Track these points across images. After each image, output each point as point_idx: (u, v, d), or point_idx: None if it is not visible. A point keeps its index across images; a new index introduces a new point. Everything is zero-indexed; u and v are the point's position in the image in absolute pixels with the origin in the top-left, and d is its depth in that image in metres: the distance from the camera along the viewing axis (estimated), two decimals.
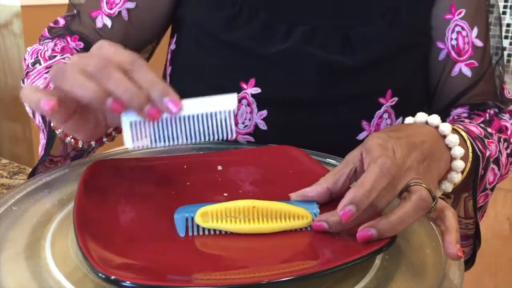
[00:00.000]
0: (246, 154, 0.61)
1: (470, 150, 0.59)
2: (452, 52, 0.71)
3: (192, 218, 0.45)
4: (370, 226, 0.42)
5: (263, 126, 0.68)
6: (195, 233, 0.44)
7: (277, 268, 0.41)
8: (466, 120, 0.70)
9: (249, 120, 0.68)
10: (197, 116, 0.46)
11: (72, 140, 0.54)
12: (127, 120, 0.45)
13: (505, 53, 2.07)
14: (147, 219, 0.47)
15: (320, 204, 0.48)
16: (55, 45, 0.69)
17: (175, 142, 0.46)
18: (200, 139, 0.47)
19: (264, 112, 0.67)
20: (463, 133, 0.60)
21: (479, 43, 0.71)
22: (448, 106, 0.75)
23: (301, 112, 0.67)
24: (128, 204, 0.49)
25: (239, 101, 0.67)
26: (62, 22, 0.74)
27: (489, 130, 0.67)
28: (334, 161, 0.63)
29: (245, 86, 0.67)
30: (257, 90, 0.67)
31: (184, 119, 0.46)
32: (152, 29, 0.75)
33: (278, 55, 0.67)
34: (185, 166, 0.57)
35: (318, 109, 0.67)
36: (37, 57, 0.67)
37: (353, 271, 0.42)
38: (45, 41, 0.73)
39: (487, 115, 0.72)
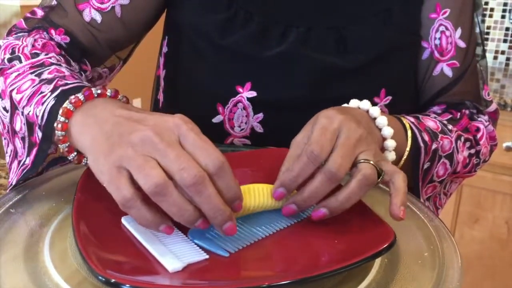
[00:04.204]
0: (243, 157, 0.61)
1: (410, 136, 0.61)
2: (435, 52, 0.72)
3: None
4: (322, 206, 0.47)
5: (259, 129, 0.68)
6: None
7: (277, 271, 0.41)
8: (432, 115, 0.71)
9: (245, 123, 0.68)
10: None
11: (76, 157, 0.51)
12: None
13: (504, 56, 2.07)
14: None
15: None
16: (35, 40, 0.65)
17: None
18: None
19: (260, 115, 0.67)
20: (405, 122, 0.63)
21: (462, 44, 0.72)
22: (426, 104, 0.76)
23: (297, 114, 0.67)
24: None
25: (235, 104, 0.67)
26: (40, 13, 0.69)
27: (450, 127, 0.68)
28: None
29: (241, 90, 0.67)
30: (253, 93, 0.67)
31: None
32: (140, 28, 0.74)
33: (273, 58, 0.67)
34: None
35: (314, 110, 0.68)
36: (13, 52, 0.62)
37: (352, 274, 0.42)
38: (20, 34, 0.67)
39: (459, 114, 0.73)
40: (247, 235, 0.46)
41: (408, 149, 0.61)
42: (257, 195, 0.48)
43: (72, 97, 0.49)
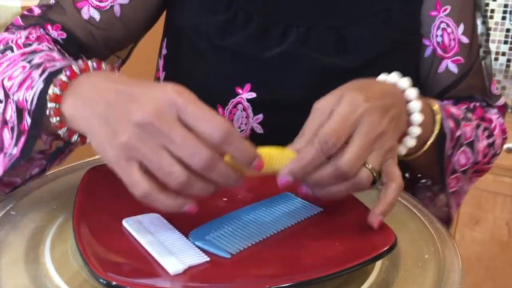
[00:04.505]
0: None
1: (438, 120, 0.59)
2: (438, 49, 0.72)
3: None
4: (307, 187, 0.48)
5: (259, 130, 0.68)
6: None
7: (278, 274, 0.41)
8: (449, 103, 0.71)
9: (245, 124, 0.68)
10: None
11: (79, 139, 0.50)
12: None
13: (505, 58, 2.07)
14: None
15: None
16: (29, 33, 0.64)
17: None
18: None
19: (260, 116, 0.67)
20: (435, 106, 0.60)
21: (465, 40, 0.72)
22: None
23: (297, 114, 0.67)
24: (128, 208, 0.49)
25: (235, 106, 0.67)
26: (37, 11, 0.68)
27: (469, 115, 0.67)
28: None
29: (240, 91, 0.67)
30: (253, 95, 0.67)
31: None
32: (139, 28, 0.73)
33: (273, 58, 0.67)
34: None
35: None
36: (7, 44, 0.61)
37: (353, 277, 0.42)
38: (16, 31, 0.66)
39: (472, 104, 0.73)
40: (248, 236, 0.46)
41: (435, 133, 0.59)
42: (278, 158, 0.47)
43: (56, 80, 0.48)
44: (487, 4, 2.04)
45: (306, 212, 0.51)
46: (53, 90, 0.47)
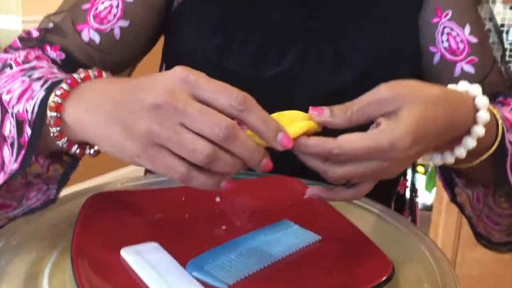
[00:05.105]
0: (244, 185, 0.61)
1: (500, 134, 0.54)
2: (447, 54, 0.71)
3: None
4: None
5: None
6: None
7: None
8: (498, 105, 0.66)
9: None
10: None
11: (78, 150, 0.49)
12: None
13: None
14: None
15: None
16: (28, 53, 0.63)
17: None
18: None
19: None
20: (499, 118, 0.55)
21: (474, 40, 0.71)
22: None
23: None
24: (127, 238, 0.49)
25: None
26: (35, 34, 0.68)
27: None
28: None
29: None
30: None
31: None
32: (138, 51, 0.74)
33: (272, 79, 0.67)
34: (183, 198, 0.57)
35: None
36: (5, 62, 0.60)
37: None
38: (15, 51, 0.65)
39: (509, 99, 0.69)
40: (246, 266, 0.46)
41: (494, 148, 0.55)
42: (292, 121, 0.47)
43: (56, 89, 0.47)
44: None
45: (304, 240, 0.51)
46: (53, 99, 0.47)
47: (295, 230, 0.53)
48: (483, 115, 0.51)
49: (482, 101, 0.51)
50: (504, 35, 2.04)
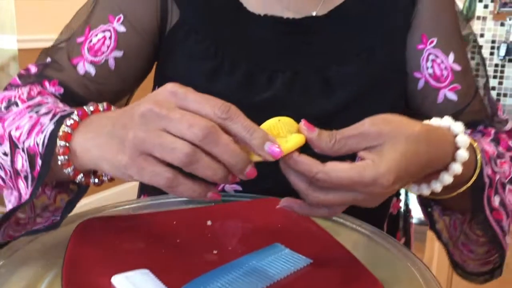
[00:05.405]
0: (235, 208, 0.61)
1: (478, 170, 0.56)
2: (431, 80, 0.73)
3: None
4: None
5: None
6: None
7: None
8: (478, 135, 0.69)
9: None
10: None
11: (83, 178, 0.51)
12: None
13: (495, 92, 2.10)
14: None
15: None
16: (30, 89, 0.65)
17: None
18: None
19: None
20: (478, 154, 0.57)
21: (457, 67, 0.72)
22: None
23: None
24: (118, 264, 0.49)
25: None
26: (34, 69, 0.71)
27: (500, 149, 0.66)
28: None
29: None
30: None
31: None
32: (133, 80, 0.75)
33: (261, 103, 0.68)
34: (174, 222, 0.58)
35: (303, 153, 0.68)
36: (9, 101, 0.62)
37: None
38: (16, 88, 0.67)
39: (492, 131, 0.71)
40: None
41: (471, 182, 0.56)
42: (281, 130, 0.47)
43: (67, 120, 0.50)
44: (475, 41, 2.08)
45: (296, 264, 0.51)
46: (64, 128, 0.49)
47: (286, 253, 0.53)
48: (462, 154, 0.52)
49: (463, 139, 0.53)
50: (495, 51, 2.07)
